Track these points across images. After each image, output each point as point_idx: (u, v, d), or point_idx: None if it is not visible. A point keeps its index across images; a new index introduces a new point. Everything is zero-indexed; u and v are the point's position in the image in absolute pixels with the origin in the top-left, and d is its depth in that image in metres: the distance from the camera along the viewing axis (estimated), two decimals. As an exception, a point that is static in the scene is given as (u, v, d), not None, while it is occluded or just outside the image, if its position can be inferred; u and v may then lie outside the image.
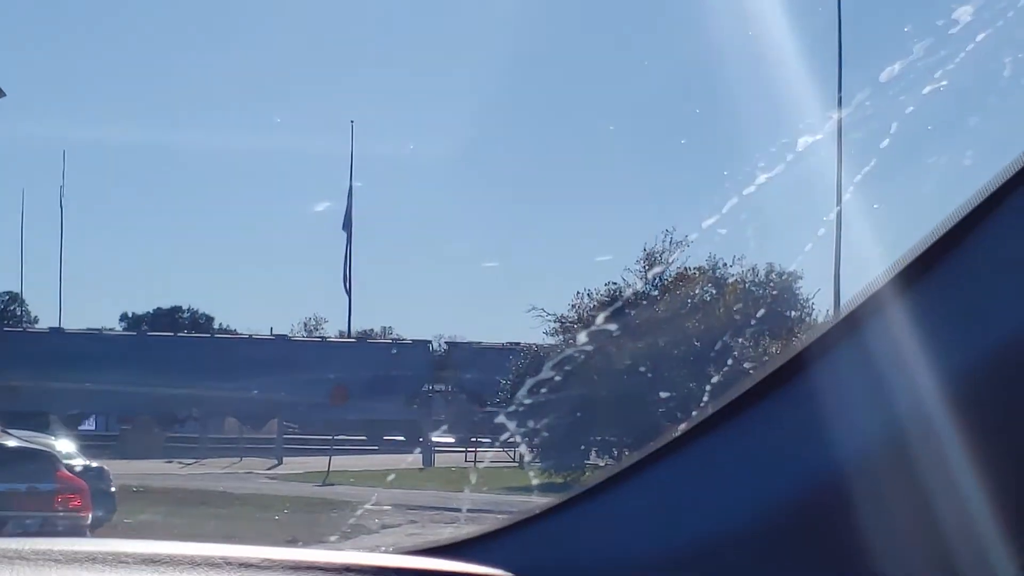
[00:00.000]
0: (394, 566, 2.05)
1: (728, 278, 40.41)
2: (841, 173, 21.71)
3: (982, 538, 1.70)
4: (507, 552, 2.09)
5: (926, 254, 1.77)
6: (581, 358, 3.63)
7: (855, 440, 1.77)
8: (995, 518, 1.69)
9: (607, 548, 2.00)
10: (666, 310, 36.43)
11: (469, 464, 47.36)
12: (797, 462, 1.83)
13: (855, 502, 1.77)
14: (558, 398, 3.26)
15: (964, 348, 1.71)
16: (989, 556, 1.70)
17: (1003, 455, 1.69)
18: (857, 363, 1.81)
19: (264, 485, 36.51)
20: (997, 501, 1.69)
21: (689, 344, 33.92)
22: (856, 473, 1.77)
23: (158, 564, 1.96)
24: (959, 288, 1.75)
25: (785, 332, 34.33)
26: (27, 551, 1.95)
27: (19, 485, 11.49)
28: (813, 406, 1.84)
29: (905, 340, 1.75)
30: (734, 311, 34.76)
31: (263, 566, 1.99)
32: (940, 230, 1.76)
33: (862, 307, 1.81)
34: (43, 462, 12.07)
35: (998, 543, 1.70)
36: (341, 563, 2.03)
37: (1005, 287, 1.71)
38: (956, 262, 1.75)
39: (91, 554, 1.97)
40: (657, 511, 1.98)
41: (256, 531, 23.00)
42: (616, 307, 31.21)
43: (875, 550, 1.76)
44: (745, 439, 1.92)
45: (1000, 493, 1.69)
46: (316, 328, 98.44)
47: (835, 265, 35.04)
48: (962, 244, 1.75)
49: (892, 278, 1.79)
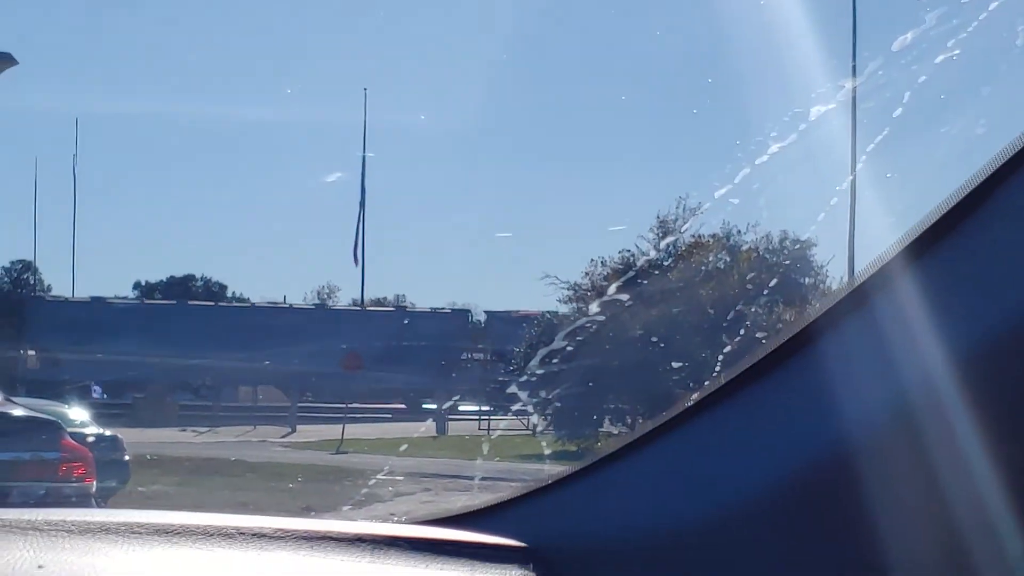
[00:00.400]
0: (407, 536, 2.05)
1: (742, 245, 40.41)
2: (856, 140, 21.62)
3: (990, 514, 1.70)
4: (520, 522, 2.09)
5: (937, 225, 1.77)
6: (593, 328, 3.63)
7: (865, 413, 1.77)
8: (1004, 494, 1.69)
9: (620, 518, 2.00)
10: (680, 278, 36.42)
11: (483, 432, 47.42)
12: (808, 434, 1.83)
13: (864, 476, 1.76)
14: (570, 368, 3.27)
15: (975, 321, 1.71)
16: (998, 532, 1.70)
17: (1013, 431, 1.69)
18: (867, 335, 1.81)
19: (278, 453, 36.62)
20: (1006, 477, 1.69)
21: (703, 312, 33.90)
22: (866, 446, 1.76)
23: (171, 534, 1.97)
24: (970, 260, 1.75)
25: (799, 299, 34.30)
26: (40, 521, 1.95)
27: (24, 454, 11.53)
28: (823, 378, 1.83)
29: (915, 312, 1.74)
30: (748, 279, 34.74)
31: (276, 536, 2.00)
32: (951, 201, 1.76)
33: (872, 278, 1.81)
34: (48, 431, 12.09)
35: (1007, 519, 1.69)
36: (354, 533, 2.03)
37: (1018, 259, 1.71)
38: (967, 234, 1.75)
39: (104, 524, 1.98)
40: (670, 481, 1.98)
41: (270, 499, 23.05)
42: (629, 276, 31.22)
43: (883, 524, 1.76)
44: (754, 411, 1.92)
45: (1009, 469, 1.69)
46: (329, 297, 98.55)
47: (849, 232, 34.99)
48: (974, 215, 1.74)
49: (902, 249, 1.79)
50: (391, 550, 2.00)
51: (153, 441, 34.55)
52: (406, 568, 1.97)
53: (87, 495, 12.37)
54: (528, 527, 2.07)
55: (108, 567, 1.85)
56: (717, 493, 1.90)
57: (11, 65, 20.52)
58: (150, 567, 1.88)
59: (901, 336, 1.76)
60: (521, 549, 2.03)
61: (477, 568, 1.98)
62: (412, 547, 2.01)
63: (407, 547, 2.01)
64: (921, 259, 1.76)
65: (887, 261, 1.80)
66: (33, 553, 1.85)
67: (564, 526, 2.06)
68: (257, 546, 1.97)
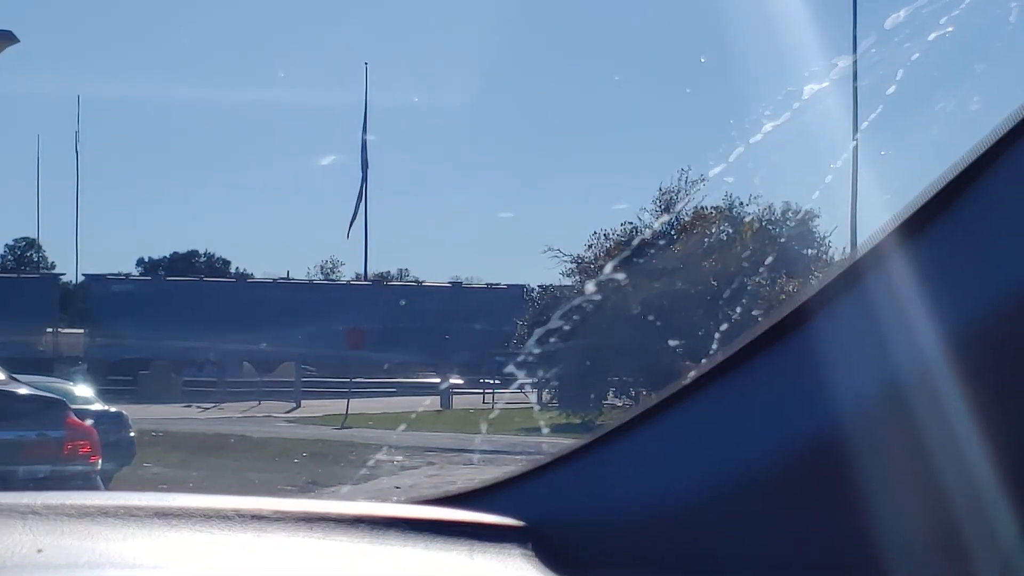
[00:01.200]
0: (406, 516, 2.05)
1: (744, 217, 40.38)
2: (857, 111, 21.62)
3: (983, 492, 1.70)
4: (519, 501, 2.10)
5: (930, 204, 1.76)
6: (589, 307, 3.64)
7: (860, 390, 1.77)
8: (996, 473, 1.69)
9: (619, 496, 2.01)
10: (682, 251, 36.41)
11: (487, 406, 47.44)
12: (805, 410, 1.83)
13: (859, 452, 1.77)
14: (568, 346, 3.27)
15: (969, 299, 1.71)
16: (990, 511, 1.70)
17: (1006, 409, 1.69)
18: (862, 314, 1.81)
19: (282, 429, 36.66)
20: (999, 456, 1.69)
21: (706, 284, 33.92)
22: (861, 423, 1.77)
23: (170, 517, 1.97)
24: (964, 238, 1.74)
25: (802, 271, 34.31)
26: (39, 505, 1.95)
27: (29, 433, 11.53)
28: (819, 356, 1.84)
29: (909, 291, 1.75)
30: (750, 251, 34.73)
31: (275, 518, 2.00)
32: (945, 179, 1.76)
33: (866, 257, 1.81)
34: (53, 409, 12.08)
35: (998, 499, 1.70)
36: (353, 514, 2.03)
37: (1010, 238, 1.70)
38: (961, 212, 1.74)
39: (103, 508, 1.98)
40: (668, 458, 1.99)
41: (275, 475, 23.10)
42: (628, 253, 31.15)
43: (877, 500, 1.77)
44: (752, 387, 1.92)
45: (1002, 449, 1.69)
46: (332, 271, 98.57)
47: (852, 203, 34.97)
48: (968, 193, 1.74)
49: (896, 228, 1.78)
50: (390, 530, 2.01)
51: (158, 417, 34.61)
52: (405, 548, 1.97)
53: (92, 474, 12.39)
54: (527, 506, 2.07)
55: (107, 550, 1.85)
56: (716, 469, 1.90)
57: (12, 43, 20.49)
58: (149, 550, 1.88)
59: (895, 315, 1.76)
60: (520, 528, 2.03)
61: (476, 548, 1.98)
62: (411, 527, 2.02)
63: (406, 527, 2.02)
64: (915, 238, 1.76)
65: (881, 239, 1.80)
66: (32, 537, 1.85)
67: (563, 504, 2.06)
68: (256, 528, 1.97)
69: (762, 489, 1.85)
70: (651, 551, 1.95)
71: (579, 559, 1.98)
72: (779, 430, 1.85)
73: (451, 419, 37.73)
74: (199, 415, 43.30)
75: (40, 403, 12.10)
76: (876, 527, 1.77)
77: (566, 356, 23.31)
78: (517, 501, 2.10)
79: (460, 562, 1.95)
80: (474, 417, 38.19)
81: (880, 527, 1.77)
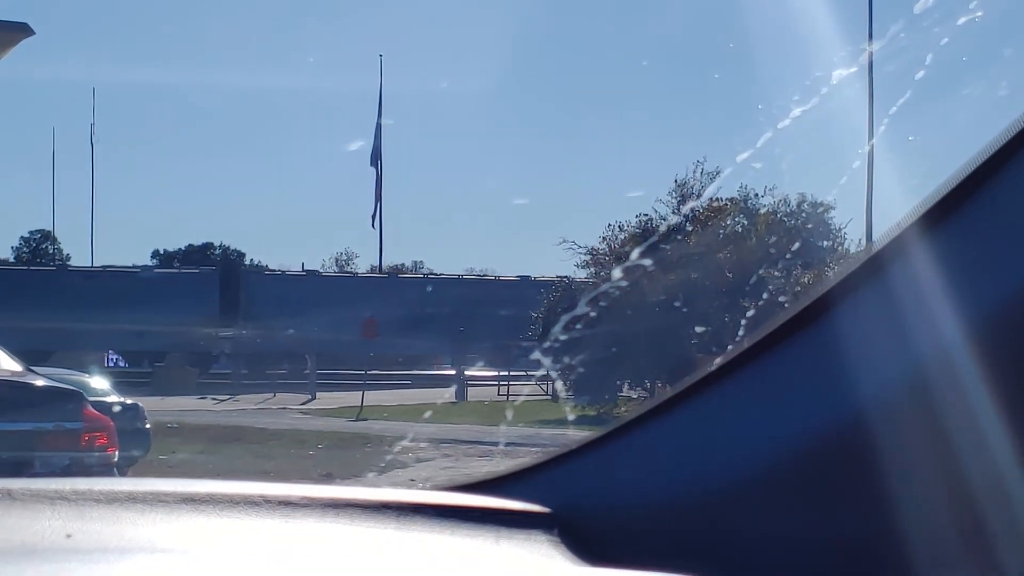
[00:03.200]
0: (432, 502, 2.06)
1: (760, 209, 40.35)
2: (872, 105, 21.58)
3: (1007, 485, 1.70)
4: (544, 487, 2.10)
5: (955, 191, 1.76)
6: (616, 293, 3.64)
7: (881, 381, 1.78)
8: (1020, 464, 1.69)
9: (644, 482, 2.01)
10: (698, 242, 36.39)
11: (502, 398, 47.47)
12: (826, 400, 1.83)
13: (880, 443, 1.77)
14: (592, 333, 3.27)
15: (993, 289, 1.71)
16: (1014, 503, 1.70)
17: None
18: (884, 304, 1.81)
19: (298, 421, 36.69)
20: (1022, 447, 1.69)
21: (721, 276, 33.92)
22: (882, 414, 1.77)
23: (197, 503, 1.97)
24: (989, 227, 1.74)
25: (818, 263, 34.26)
26: (67, 491, 1.96)
27: (46, 424, 11.54)
28: (840, 346, 1.84)
29: (932, 280, 1.74)
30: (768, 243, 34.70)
31: (302, 504, 2.01)
32: (970, 166, 1.75)
33: (889, 246, 1.81)
34: (70, 401, 12.09)
35: (1021, 490, 1.69)
36: (379, 500, 2.04)
37: None
38: (986, 199, 1.74)
39: (130, 493, 1.98)
40: (692, 446, 1.99)
41: (291, 467, 23.12)
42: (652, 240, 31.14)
43: (899, 492, 1.77)
44: (773, 377, 1.92)
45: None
46: (347, 263, 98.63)
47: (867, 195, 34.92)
48: (994, 181, 1.74)
49: (919, 216, 1.78)
50: (416, 517, 2.01)
51: (174, 409, 34.67)
52: (432, 535, 1.97)
53: (109, 465, 12.40)
54: (552, 492, 2.07)
55: (136, 535, 1.86)
56: (740, 458, 1.91)
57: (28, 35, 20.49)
58: (177, 535, 1.89)
59: (917, 305, 1.76)
60: (546, 515, 2.04)
61: (503, 534, 1.99)
62: (437, 514, 2.02)
63: (432, 514, 2.02)
64: (938, 226, 1.76)
65: (904, 228, 1.79)
66: (61, 522, 1.86)
67: (589, 491, 2.06)
68: (283, 514, 1.98)
69: (785, 478, 1.86)
70: (677, 537, 1.95)
71: (605, 545, 1.98)
72: (802, 420, 1.85)
73: (466, 411, 37.77)
74: (214, 407, 43.34)
75: (57, 394, 12.11)
76: (899, 518, 1.77)
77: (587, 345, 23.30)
78: (542, 488, 2.10)
79: (486, 548, 1.95)
80: (489, 409, 38.21)
81: (903, 518, 1.77)
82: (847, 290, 1.85)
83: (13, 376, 11.59)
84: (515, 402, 41.47)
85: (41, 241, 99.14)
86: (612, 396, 36.89)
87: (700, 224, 38.78)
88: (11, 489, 1.96)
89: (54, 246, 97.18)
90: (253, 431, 30.82)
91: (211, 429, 30.88)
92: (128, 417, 20.43)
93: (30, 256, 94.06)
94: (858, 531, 1.81)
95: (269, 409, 42.58)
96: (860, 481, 1.80)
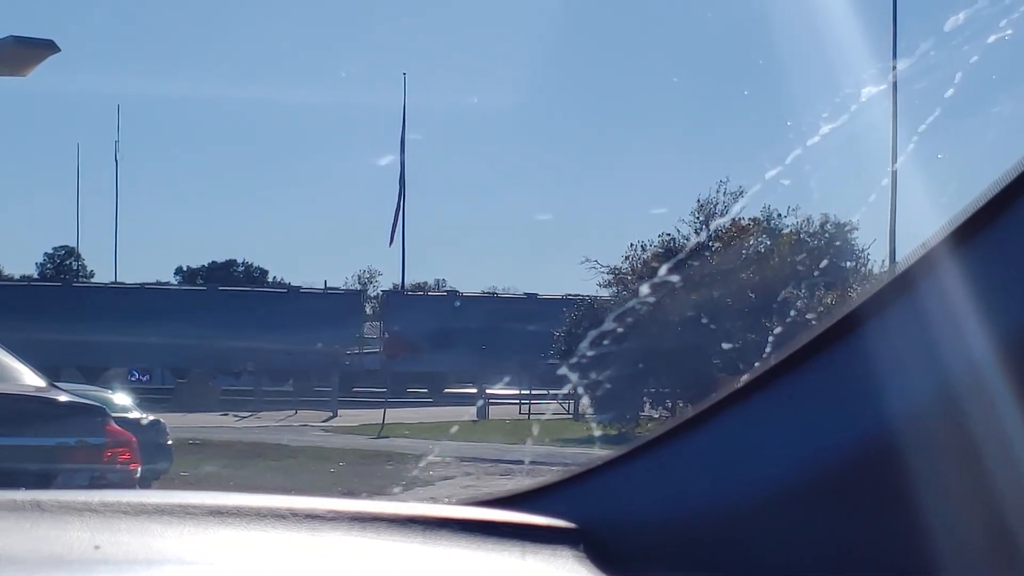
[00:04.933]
0: (458, 517, 2.06)
1: (783, 229, 40.29)
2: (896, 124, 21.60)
3: None
4: (570, 503, 2.10)
5: (984, 209, 1.76)
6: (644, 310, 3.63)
7: (910, 399, 1.77)
8: None
9: (670, 499, 2.01)
10: (720, 262, 36.33)
11: (523, 417, 47.40)
12: (854, 418, 1.83)
13: (910, 461, 1.77)
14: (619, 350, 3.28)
15: (1021, 308, 1.70)
16: None
17: None
18: (913, 321, 1.80)
19: (319, 438, 36.67)
20: None
21: (744, 296, 33.84)
22: (911, 432, 1.77)
23: (225, 515, 1.98)
24: (1018, 245, 1.74)
25: (840, 283, 34.19)
26: (96, 503, 1.97)
27: (69, 439, 11.54)
28: (868, 364, 1.83)
29: (962, 298, 1.74)
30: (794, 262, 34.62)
31: (328, 517, 2.01)
32: (1000, 184, 1.75)
33: (918, 263, 1.81)
34: (93, 416, 12.10)
35: None
36: (406, 514, 2.04)
37: None
38: (1013, 218, 1.74)
39: (159, 505, 1.99)
40: (719, 463, 1.99)
41: (312, 484, 23.11)
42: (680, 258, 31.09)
43: (928, 510, 1.76)
44: (801, 395, 1.92)
45: None
46: (370, 281, 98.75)
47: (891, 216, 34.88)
48: (1019, 199, 1.73)
49: (949, 233, 1.78)
50: (442, 531, 2.01)
51: (195, 425, 34.69)
52: (457, 549, 1.98)
53: (131, 481, 12.41)
54: (578, 508, 2.07)
55: (164, 547, 1.87)
56: (765, 474, 1.90)
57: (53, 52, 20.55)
58: (205, 547, 1.90)
59: (947, 321, 1.75)
60: (572, 530, 2.04)
61: (528, 549, 1.99)
62: (463, 528, 2.02)
63: (458, 528, 2.02)
64: (968, 243, 1.76)
65: (933, 245, 1.79)
66: (89, 534, 1.86)
67: (614, 507, 2.06)
68: (310, 527, 1.98)
69: (812, 495, 1.85)
70: (703, 553, 1.95)
71: (631, 561, 1.98)
72: (830, 437, 1.85)
73: (487, 429, 37.71)
74: (236, 423, 43.35)
75: (80, 410, 12.13)
76: (929, 533, 1.76)
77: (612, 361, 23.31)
78: (568, 503, 2.10)
79: (512, 563, 1.95)
80: (511, 427, 38.15)
81: (933, 533, 1.76)
82: (877, 307, 1.84)
83: (37, 392, 11.61)
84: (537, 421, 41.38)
85: (65, 257, 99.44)
86: (634, 415, 36.80)
87: (723, 244, 38.73)
88: (40, 501, 1.97)
89: (78, 262, 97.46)
90: (275, 448, 30.80)
91: (233, 445, 30.88)
92: (150, 433, 20.46)
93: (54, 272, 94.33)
94: (885, 548, 1.81)
95: (291, 426, 42.55)
96: (888, 498, 1.79)
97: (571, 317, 43.60)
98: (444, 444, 32.59)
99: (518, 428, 38.46)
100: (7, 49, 19.78)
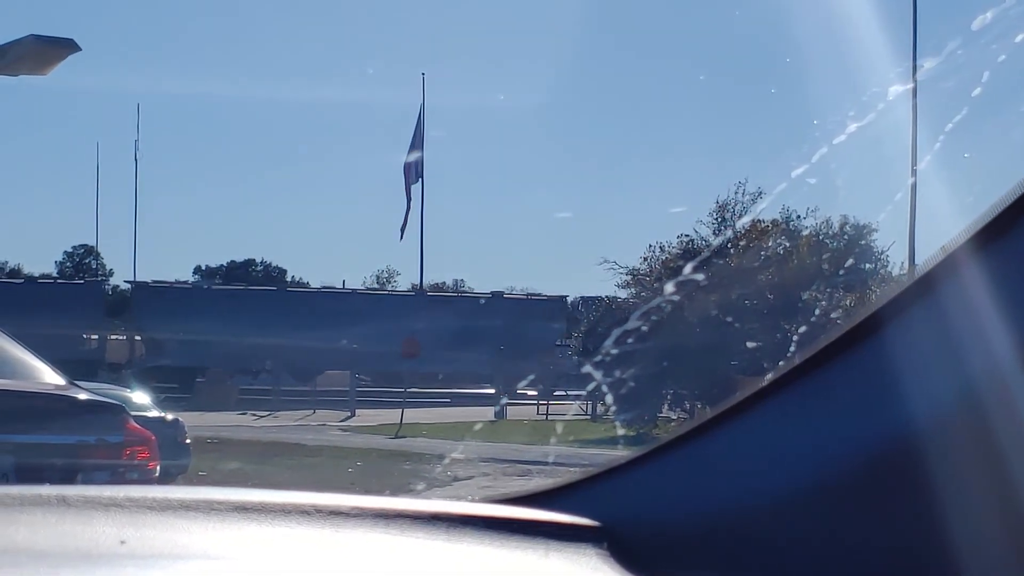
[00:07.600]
0: (482, 514, 2.06)
1: (802, 230, 40.27)
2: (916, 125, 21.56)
3: None
4: (594, 501, 2.10)
5: (1008, 211, 1.76)
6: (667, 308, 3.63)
7: (932, 402, 1.77)
8: None
9: (694, 497, 2.01)
10: (740, 263, 36.32)
11: (540, 417, 47.41)
12: (876, 420, 1.83)
13: (931, 464, 1.76)
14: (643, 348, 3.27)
15: None
16: None
17: None
18: (934, 324, 1.80)
19: (337, 437, 36.72)
20: None
21: (763, 297, 33.84)
22: (933, 435, 1.76)
23: (249, 511, 1.98)
24: None
25: (859, 285, 34.18)
26: (121, 498, 1.97)
27: (89, 437, 11.55)
28: (889, 366, 1.83)
29: (984, 300, 1.74)
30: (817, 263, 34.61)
31: (352, 514, 2.01)
32: (1019, 189, 1.74)
33: (940, 265, 1.81)
34: (112, 414, 12.10)
35: None
36: (430, 512, 2.04)
37: None
38: None
39: (183, 501, 2.00)
40: (743, 461, 1.99)
41: (330, 483, 23.12)
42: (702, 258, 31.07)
43: (950, 513, 1.76)
44: (824, 396, 1.92)
45: None
46: (388, 281, 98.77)
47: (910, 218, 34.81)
48: None
49: (972, 235, 1.78)
50: (466, 528, 2.01)
51: (213, 424, 34.74)
52: (481, 547, 1.98)
53: (150, 479, 12.43)
54: (602, 506, 2.07)
55: (189, 542, 1.87)
56: (789, 472, 1.90)
57: (74, 51, 20.57)
58: (229, 543, 1.90)
59: (970, 322, 1.75)
60: (596, 528, 2.04)
61: (552, 547, 1.99)
62: (487, 525, 2.02)
63: (482, 525, 2.02)
64: (993, 244, 1.76)
65: (957, 246, 1.79)
66: (115, 529, 1.87)
67: (638, 505, 2.06)
68: (334, 524, 1.99)
69: (835, 493, 1.85)
70: (726, 552, 1.95)
71: (655, 560, 1.98)
72: (852, 437, 1.85)
73: (505, 430, 37.71)
74: (254, 423, 43.41)
75: (100, 408, 12.14)
76: (952, 535, 1.76)
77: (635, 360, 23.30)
78: (591, 501, 2.10)
79: (535, 561, 1.95)
80: (528, 428, 38.15)
81: (956, 535, 1.76)
82: (900, 307, 1.84)
83: (57, 389, 11.64)
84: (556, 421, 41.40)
85: (84, 256, 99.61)
86: (652, 416, 36.81)
87: (743, 245, 38.71)
88: (66, 496, 1.98)
89: (97, 261, 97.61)
90: (292, 447, 30.84)
91: (251, 444, 30.93)
92: (168, 433, 20.50)
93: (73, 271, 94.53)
94: (906, 550, 1.81)
95: (309, 425, 42.61)
96: (910, 500, 1.79)
97: (589, 317, 43.62)
98: (463, 444, 32.59)
99: (536, 429, 38.47)
100: (28, 48, 19.82)
